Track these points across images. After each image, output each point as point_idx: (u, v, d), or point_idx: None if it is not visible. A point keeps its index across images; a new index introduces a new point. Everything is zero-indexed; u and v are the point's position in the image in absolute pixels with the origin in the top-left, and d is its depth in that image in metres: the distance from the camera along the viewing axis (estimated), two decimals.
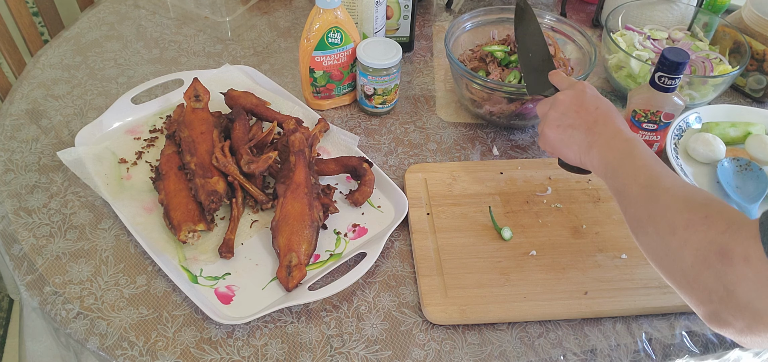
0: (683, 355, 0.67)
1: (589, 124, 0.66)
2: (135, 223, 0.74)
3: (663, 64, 0.76)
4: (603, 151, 0.64)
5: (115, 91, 0.98)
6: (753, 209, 0.78)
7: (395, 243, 0.76)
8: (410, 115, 0.96)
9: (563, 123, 0.68)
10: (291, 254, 0.69)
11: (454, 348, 0.66)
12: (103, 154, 0.82)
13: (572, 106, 0.68)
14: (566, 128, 0.68)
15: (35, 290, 0.69)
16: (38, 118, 0.92)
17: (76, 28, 1.12)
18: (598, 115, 0.66)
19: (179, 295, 0.69)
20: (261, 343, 0.65)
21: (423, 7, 1.24)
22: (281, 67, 1.05)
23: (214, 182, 0.74)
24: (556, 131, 0.69)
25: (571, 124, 0.68)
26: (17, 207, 0.78)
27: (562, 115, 0.69)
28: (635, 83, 0.96)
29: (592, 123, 0.66)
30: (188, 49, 1.08)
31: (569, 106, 0.68)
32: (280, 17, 1.19)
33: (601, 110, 0.67)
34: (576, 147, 0.67)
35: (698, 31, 1.05)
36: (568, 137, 0.68)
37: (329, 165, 0.82)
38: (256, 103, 0.88)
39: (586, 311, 0.68)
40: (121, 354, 0.63)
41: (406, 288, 0.71)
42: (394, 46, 0.90)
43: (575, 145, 0.67)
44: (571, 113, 0.68)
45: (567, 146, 0.68)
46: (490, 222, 0.77)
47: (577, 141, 0.67)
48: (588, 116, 0.67)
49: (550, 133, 0.70)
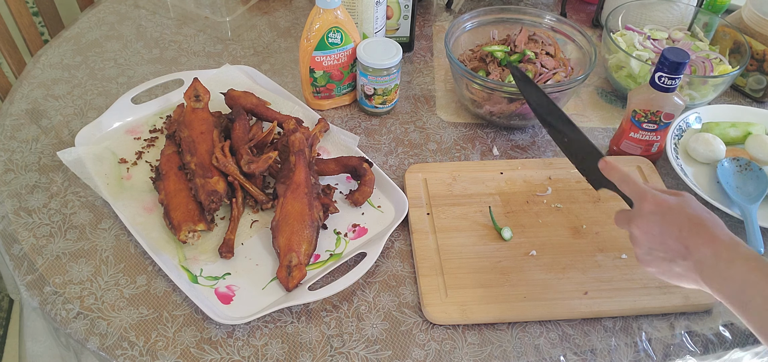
0: (683, 355, 0.67)
1: (682, 254, 0.58)
2: (135, 223, 0.74)
3: (663, 64, 0.76)
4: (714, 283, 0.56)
5: (115, 91, 0.98)
6: (753, 209, 0.78)
7: (395, 243, 0.76)
8: (410, 115, 0.96)
9: (655, 256, 0.60)
10: (291, 254, 0.69)
11: (454, 348, 0.66)
12: (103, 154, 0.82)
13: (654, 240, 0.59)
14: (661, 262, 0.60)
15: (35, 290, 0.69)
16: (38, 118, 0.92)
17: (76, 28, 1.12)
18: (685, 240, 0.57)
19: (179, 295, 0.69)
20: (261, 343, 0.65)
21: (423, 7, 1.24)
22: (281, 67, 1.05)
23: (214, 182, 0.74)
24: (654, 267, 0.61)
25: (663, 257, 0.59)
26: (17, 207, 0.78)
27: (650, 249, 0.60)
28: (635, 83, 0.96)
29: (684, 252, 0.57)
30: (188, 49, 1.08)
31: (650, 240, 0.60)
32: (280, 17, 1.18)
33: (683, 229, 0.57)
34: (685, 280, 0.59)
35: (698, 31, 1.05)
36: (671, 271, 0.60)
37: (329, 165, 0.82)
38: (256, 103, 0.88)
39: (586, 311, 0.68)
40: (121, 354, 0.63)
41: (406, 288, 0.71)
42: (394, 46, 0.90)
43: (683, 279, 0.59)
44: (657, 246, 0.60)
45: (675, 279, 0.60)
46: (490, 222, 0.77)
47: (682, 275, 0.59)
48: (676, 245, 0.58)
49: (649, 269, 0.62)
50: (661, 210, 0.59)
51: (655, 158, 0.88)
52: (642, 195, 0.61)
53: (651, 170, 0.85)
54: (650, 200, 0.60)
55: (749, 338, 0.69)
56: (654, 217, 0.59)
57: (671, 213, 0.59)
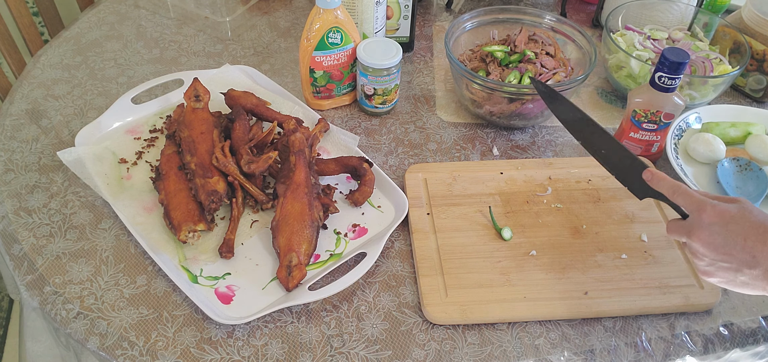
0: (683, 355, 0.67)
1: (749, 264, 0.56)
2: (135, 223, 0.74)
3: (663, 64, 0.76)
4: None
5: (115, 91, 0.98)
6: None
7: (395, 243, 0.76)
8: (410, 115, 0.96)
9: (720, 267, 0.59)
10: (291, 254, 0.69)
11: (454, 348, 0.66)
12: (103, 154, 0.82)
13: (717, 251, 0.58)
14: (726, 272, 0.58)
15: (35, 290, 0.69)
16: (38, 118, 0.92)
17: (76, 28, 1.12)
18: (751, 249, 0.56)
19: (179, 295, 0.69)
20: (261, 343, 0.65)
21: (423, 7, 1.24)
22: (281, 67, 1.05)
23: (214, 182, 0.74)
24: (717, 277, 0.60)
25: (728, 267, 0.58)
26: (17, 207, 0.78)
27: (712, 260, 0.59)
28: (635, 83, 0.96)
29: (751, 261, 0.56)
30: (188, 49, 1.08)
31: (713, 251, 0.58)
32: (280, 17, 1.18)
33: (749, 238, 0.56)
34: (751, 288, 0.58)
35: (698, 31, 1.05)
36: (736, 281, 0.59)
37: (329, 165, 0.82)
38: (256, 103, 0.88)
39: (586, 311, 0.68)
40: (121, 354, 0.63)
41: (406, 288, 0.71)
42: (394, 46, 0.90)
43: (749, 287, 0.58)
44: (720, 257, 0.58)
45: (741, 288, 0.59)
46: (490, 222, 0.77)
47: (749, 283, 0.58)
48: (743, 254, 0.56)
49: (712, 280, 0.61)
50: (723, 220, 0.57)
51: (655, 158, 0.88)
52: (700, 206, 0.59)
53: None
54: (710, 210, 0.58)
55: (749, 338, 0.69)
56: (716, 228, 0.58)
57: (734, 222, 0.57)
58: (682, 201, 0.61)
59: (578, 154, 0.90)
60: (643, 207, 0.80)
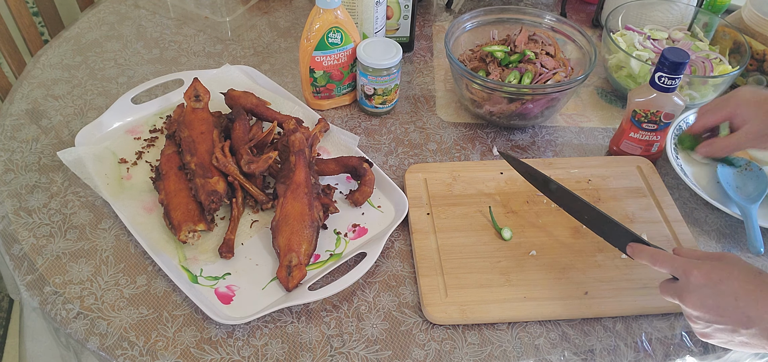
0: (683, 355, 0.67)
1: (744, 324, 0.55)
2: (135, 223, 0.74)
3: (663, 64, 0.76)
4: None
5: (115, 91, 0.98)
6: (753, 209, 0.78)
7: (395, 243, 0.76)
8: (410, 115, 0.96)
9: (717, 331, 0.58)
10: (291, 254, 0.69)
11: (454, 348, 0.66)
12: (103, 154, 0.82)
13: (711, 313, 0.56)
14: (722, 333, 0.57)
15: (35, 290, 0.69)
16: (38, 118, 0.92)
17: (76, 28, 1.12)
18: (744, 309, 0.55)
19: (179, 295, 0.69)
20: (261, 343, 0.65)
21: (423, 7, 1.24)
22: (281, 67, 1.05)
23: (214, 182, 0.74)
24: (716, 338, 0.59)
25: (723, 328, 0.57)
26: (17, 207, 0.78)
27: (707, 323, 0.58)
28: (635, 83, 0.96)
29: (746, 322, 0.55)
30: (188, 49, 1.08)
31: (707, 313, 0.57)
32: (280, 17, 1.19)
33: (740, 298, 0.55)
34: (752, 347, 0.57)
35: (698, 31, 1.05)
36: (734, 341, 0.57)
37: (329, 165, 0.82)
38: (256, 103, 0.88)
39: (586, 311, 0.68)
40: (121, 354, 0.63)
41: (406, 288, 0.71)
42: (394, 46, 0.90)
43: (750, 346, 0.57)
44: (713, 318, 0.56)
45: (742, 347, 0.58)
46: (490, 222, 0.77)
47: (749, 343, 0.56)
48: (736, 315, 0.55)
49: (712, 341, 0.59)
50: (712, 281, 0.56)
51: (655, 158, 0.88)
52: (686, 270, 0.58)
53: (651, 170, 0.85)
54: (697, 273, 0.57)
55: None
56: (706, 290, 0.56)
57: (723, 283, 0.56)
58: (667, 267, 0.60)
59: (578, 154, 0.91)
60: (643, 208, 0.80)
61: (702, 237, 0.79)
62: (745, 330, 0.55)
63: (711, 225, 0.81)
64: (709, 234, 0.79)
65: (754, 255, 0.77)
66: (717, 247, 0.78)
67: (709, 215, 0.82)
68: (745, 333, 0.55)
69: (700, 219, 0.81)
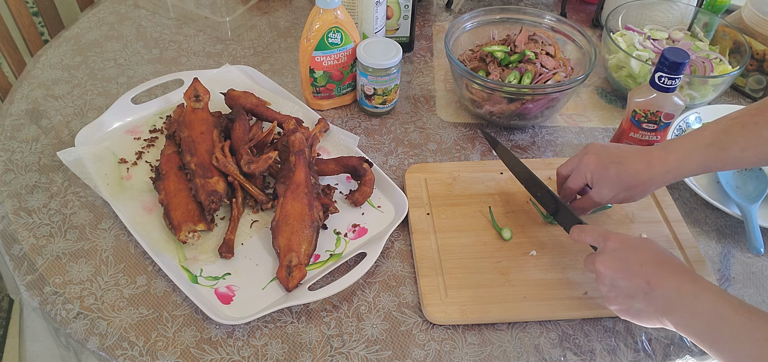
0: (683, 355, 0.67)
1: (643, 289, 0.58)
2: (135, 223, 0.74)
3: (663, 64, 0.76)
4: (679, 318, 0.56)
5: (115, 91, 0.98)
6: (753, 209, 0.78)
7: (395, 243, 0.76)
8: (410, 115, 0.96)
9: (619, 294, 0.60)
10: (291, 254, 0.69)
11: (454, 348, 0.66)
12: (103, 154, 0.82)
13: (616, 272, 0.60)
14: (625, 299, 0.60)
15: (35, 290, 0.69)
16: (38, 118, 0.92)
17: (76, 28, 1.12)
18: (647, 275, 0.58)
19: (179, 295, 0.69)
20: (261, 343, 0.65)
21: (423, 7, 1.24)
22: (281, 67, 1.05)
23: (214, 182, 0.74)
24: (617, 304, 0.61)
25: (627, 293, 0.59)
26: (17, 207, 0.78)
27: (613, 285, 0.60)
28: (635, 83, 0.96)
29: (645, 287, 0.58)
30: (188, 49, 1.08)
31: (613, 272, 0.60)
32: (280, 17, 1.19)
33: (646, 265, 0.58)
34: (646, 317, 0.59)
35: (698, 31, 1.05)
36: (632, 309, 0.60)
37: (329, 165, 0.82)
38: (256, 103, 0.88)
39: (586, 311, 0.68)
40: (121, 354, 0.63)
41: (406, 288, 0.71)
42: (394, 46, 0.90)
43: (644, 315, 0.59)
44: (619, 279, 0.60)
45: (637, 318, 0.60)
46: (490, 222, 0.77)
47: (644, 311, 0.59)
48: (638, 279, 0.58)
49: (613, 307, 0.62)
50: (625, 246, 0.61)
51: None
52: (605, 236, 0.63)
53: None
54: (614, 238, 0.62)
55: None
56: (618, 253, 0.61)
57: (634, 249, 0.60)
58: (591, 237, 0.65)
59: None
60: (643, 208, 0.80)
61: (702, 237, 0.79)
62: (644, 296, 0.58)
63: (711, 225, 0.81)
64: (709, 234, 0.79)
65: (754, 255, 0.77)
66: (717, 247, 0.78)
67: (708, 215, 0.82)
68: (643, 299, 0.58)
69: (699, 219, 0.81)
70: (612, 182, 0.69)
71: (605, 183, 0.70)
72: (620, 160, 0.69)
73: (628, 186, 0.69)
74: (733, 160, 0.65)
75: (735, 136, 0.65)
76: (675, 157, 0.67)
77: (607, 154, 0.70)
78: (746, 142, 0.64)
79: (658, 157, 0.68)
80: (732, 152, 0.65)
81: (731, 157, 0.65)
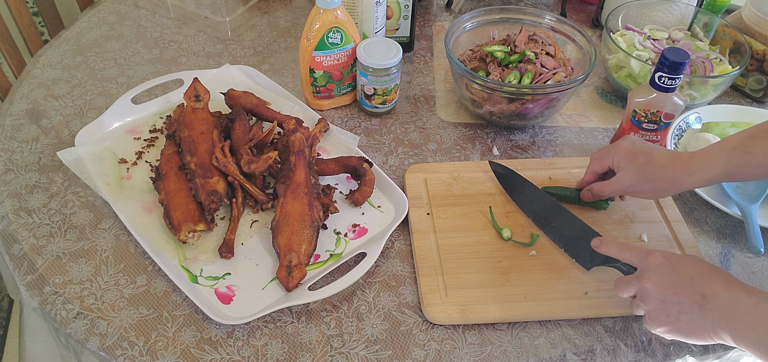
0: (683, 355, 0.67)
1: (698, 302, 0.57)
2: (135, 223, 0.74)
3: (663, 64, 0.76)
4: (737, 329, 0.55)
5: (115, 91, 0.98)
6: (753, 209, 0.78)
7: (395, 243, 0.76)
8: (410, 115, 0.96)
9: (670, 311, 0.59)
10: (291, 254, 0.69)
11: (454, 348, 0.66)
12: (103, 154, 0.82)
13: (666, 289, 0.59)
14: (676, 316, 0.58)
15: (35, 290, 0.69)
16: (38, 118, 0.92)
17: (76, 28, 1.12)
18: (699, 288, 0.57)
19: (179, 295, 0.69)
20: (261, 343, 0.65)
21: (423, 7, 1.24)
22: (281, 67, 1.05)
23: (214, 182, 0.74)
24: (665, 324, 0.59)
25: (679, 310, 0.58)
26: (17, 207, 0.78)
27: (662, 302, 0.59)
28: (635, 83, 0.96)
29: (700, 300, 0.57)
30: (188, 49, 1.08)
31: (662, 289, 0.59)
32: (280, 17, 1.19)
33: (696, 278, 0.57)
34: (700, 332, 0.58)
35: (698, 31, 1.05)
36: (682, 325, 0.58)
37: (329, 165, 0.82)
38: (256, 103, 0.88)
39: (586, 311, 0.68)
40: (121, 354, 0.63)
41: (406, 288, 0.71)
42: (394, 46, 0.90)
43: (698, 330, 0.58)
44: (670, 296, 0.58)
45: (688, 334, 0.59)
46: (490, 222, 0.77)
47: (698, 326, 0.57)
48: (691, 294, 0.57)
49: (659, 328, 0.61)
50: (671, 262, 0.60)
51: None
52: (648, 253, 0.62)
53: None
54: (657, 254, 0.61)
55: None
56: (665, 268, 0.59)
57: (681, 264, 0.59)
58: (630, 255, 0.64)
59: (578, 154, 0.91)
60: (643, 207, 0.80)
61: (702, 237, 0.79)
62: (699, 310, 0.57)
63: (711, 225, 0.81)
64: (709, 234, 0.79)
65: (754, 255, 0.77)
66: (717, 247, 0.78)
67: (709, 215, 0.82)
68: (697, 314, 0.57)
69: (700, 219, 0.81)
70: (637, 170, 0.70)
71: (630, 169, 0.71)
72: (650, 153, 0.70)
73: (651, 179, 0.70)
74: (758, 164, 0.65)
75: (760, 140, 0.65)
76: (700, 159, 0.68)
77: (640, 144, 0.72)
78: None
79: (684, 158, 0.69)
80: (756, 156, 0.65)
81: (755, 162, 0.65)
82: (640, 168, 0.70)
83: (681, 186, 0.69)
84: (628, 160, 0.71)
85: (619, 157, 0.72)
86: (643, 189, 0.71)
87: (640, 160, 0.70)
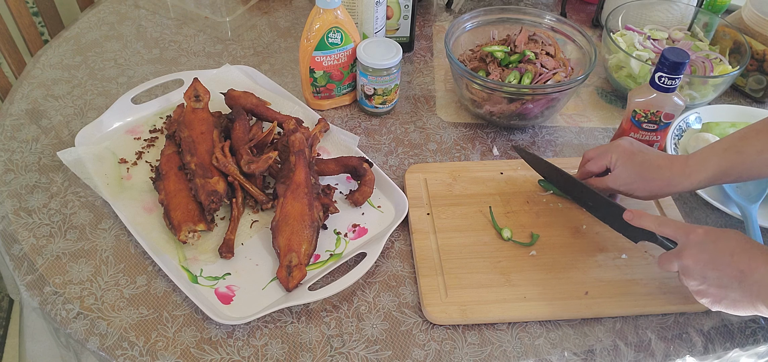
0: (683, 355, 0.67)
1: (737, 278, 0.58)
2: (135, 223, 0.74)
3: (663, 64, 0.76)
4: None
5: (115, 91, 0.98)
6: (753, 209, 0.78)
7: (395, 243, 0.76)
8: (410, 115, 0.96)
9: (710, 286, 0.60)
10: (291, 254, 0.69)
11: (454, 348, 0.66)
12: (103, 154, 0.82)
13: (706, 265, 0.60)
14: (716, 289, 0.60)
15: (35, 290, 0.69)
16: (38, 118, 0.92)
17: (76, 28, 1.12)
18: (738, 263, 0.58)
19: (179, 295, 0.69)
20: (261, 343, 0.65)
21: (423, 7, 1.24)
22: (281, 67, 1.05)
23: (214, 182, 0.74)
24: (708, 296, 0.61)
25: (719, 284, 0.59)
26: (17, 207, 0.78)
27: (703, 277, 0.60)
28: (635, 83, 0.96)
29: (739, 275, 0.58)
30: (188, 49, 1.08)
31: (703, 265, 0.60)
32: (280, 17, 1.19)
33: (736, 254, 0.58)
34: (741, 305, 0.59)
35: (698, 31, 1.05)
36: (725, 298, 0.60)
37: (329, 165, 0.82)
38: (256, 103, 0.88)
39: (586, 311, 0.68)
40: (121, 354, 0.63)
41: (406, 288, 0.71)
42: (394, 46, 0.90)
43: (740, 304, 0.59)
44: (710, 271, 0.60)
45: (731, 307, 0.60)
46: (490, 222, 0.77)
47: (739, 300, 0.59)
48: (730, 269, 0.58)
49: (704, 300, 0.62)
50: (711, 237, 0.61)
51: None
52: (688, 229, 0.63)
53: None
54: (699, 230, 0.62)
55: (749, 338, 0.69)
56: (705, 244, 0.60)
57: (721, 239, 0.60)
58: (670, 230, 0.64)
59: (578, 154, 0.91)
60: (643, 207, 0.80)
61: None
62: (738, 285, 0.58)
63: (711, 225, 0.80)
64: None
65: None
66: None
67: (709, 215, 0.82)
68: (737, 288, 0.58)
69: (700, 219, 0.81)
70: (633, 169, 0.71)
71: (626, 168, 0.72)
72: (648, 153, 0.72)
73: (646, 178, 0.71)
74: (750, 164, 0.66)
75: (751, 140, 0.66)
76: (694, 160, 0.69)
77: (638, 145, 0.73)
78: (762, 145, 0.65)
79: (680, 161, 0.70)
80: (749, 156, 0.66)
81: (748, 162, 0.66)
82: (638, 167, 0.71)
83: (675, 187, 0.70)
84: (626, 158, 0.72)
85: (616, 154, 0.73)
86: (638, 188, 0.72)
87: (637, 158, 0.72)
